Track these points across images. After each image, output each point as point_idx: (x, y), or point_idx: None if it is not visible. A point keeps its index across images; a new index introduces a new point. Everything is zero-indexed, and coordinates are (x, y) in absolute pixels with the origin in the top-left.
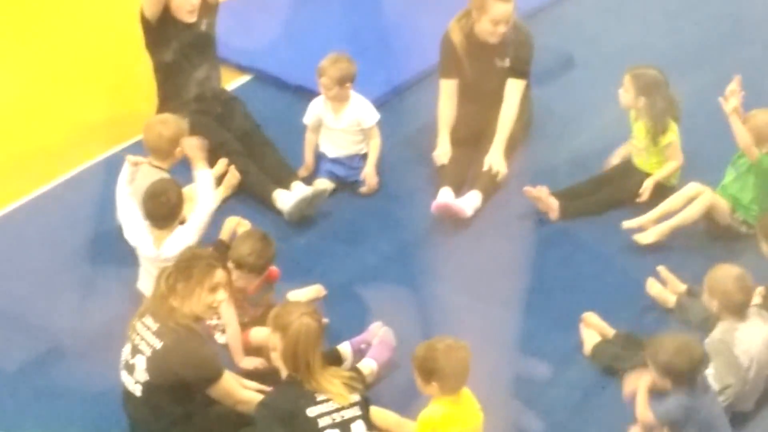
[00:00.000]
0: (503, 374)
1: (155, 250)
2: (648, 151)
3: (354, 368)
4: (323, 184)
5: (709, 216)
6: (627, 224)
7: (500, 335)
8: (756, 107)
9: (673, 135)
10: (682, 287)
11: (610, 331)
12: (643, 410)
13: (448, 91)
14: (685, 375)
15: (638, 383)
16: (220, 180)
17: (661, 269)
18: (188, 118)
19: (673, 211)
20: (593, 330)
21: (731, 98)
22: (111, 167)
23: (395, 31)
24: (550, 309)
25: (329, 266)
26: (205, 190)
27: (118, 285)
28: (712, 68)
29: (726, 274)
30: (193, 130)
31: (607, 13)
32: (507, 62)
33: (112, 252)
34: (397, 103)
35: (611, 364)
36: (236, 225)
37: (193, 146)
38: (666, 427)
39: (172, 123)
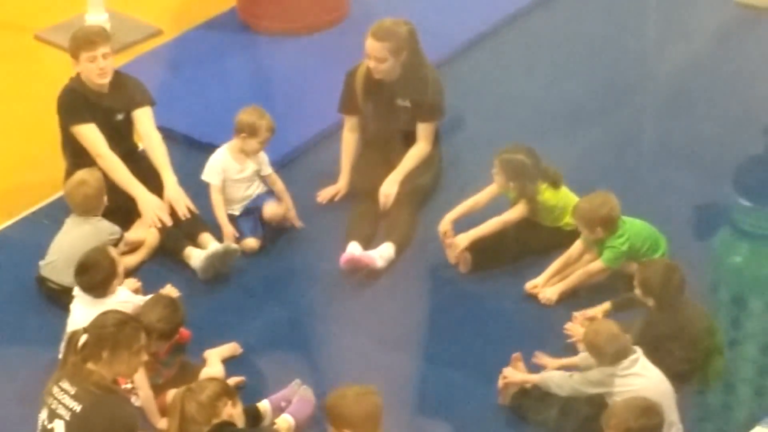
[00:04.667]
0: (417, 426)
1: None
2: (538, 213)
3: (272, 424)
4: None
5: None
6: (529, 288)
7: (415, 386)
8: (626, 170)
9: (556, 198)
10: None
11: (535, 378)
12: None
13: (349, 125)
14: None
15: None
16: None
17: (577, 315)
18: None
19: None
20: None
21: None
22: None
23: (300, 86)
24: (466, 358)
25: (244, 323)
26: None
27: (35, 351)
28: (594, 127)
29: (594, 331)
30: (112, 186)
31: (499, 69)
32: (408, 102)
33: (29, 318)
34: (305, 159)
35: (531, 416)
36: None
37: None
38: None
39: (92, 180)
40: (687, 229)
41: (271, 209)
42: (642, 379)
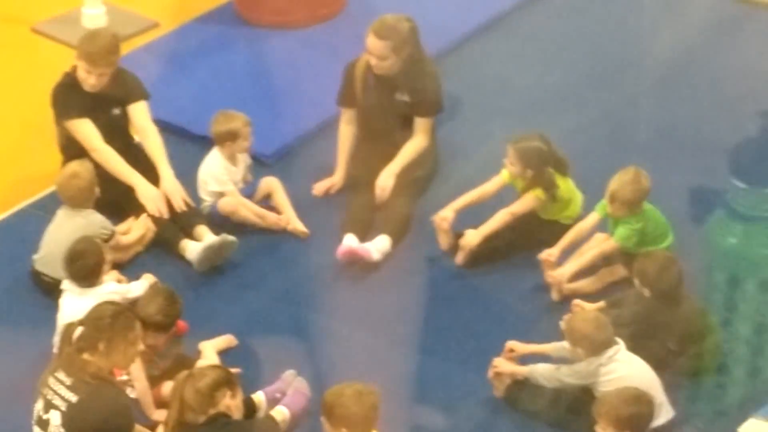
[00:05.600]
0: (414, 418)
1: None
2: (547, 205)
3: (267, 416)
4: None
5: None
6: (543, 256)
7: (411, 379)
8: (615, 146)
9: (563, 187)
10: None
11: (524, 371)
12: None
13: (346, 118)
14: (647, 422)
15: None
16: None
17: (577, 302)
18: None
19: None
20: (505, 376)
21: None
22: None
23: (297, 79)
24: (462, 351)
25: (240, 315)
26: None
27: (30, 342)
28: (590, 116)
29: (582, 319)
30: (103, 179)
31: (495, 61)
32: (407, 97)
33: (24, 310)
34: (301, 152)
35: (525, 407)
36: None
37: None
38: None
39: (84, 172)
40: (682, 213)
41: (226, 204)
42: (625, 365)
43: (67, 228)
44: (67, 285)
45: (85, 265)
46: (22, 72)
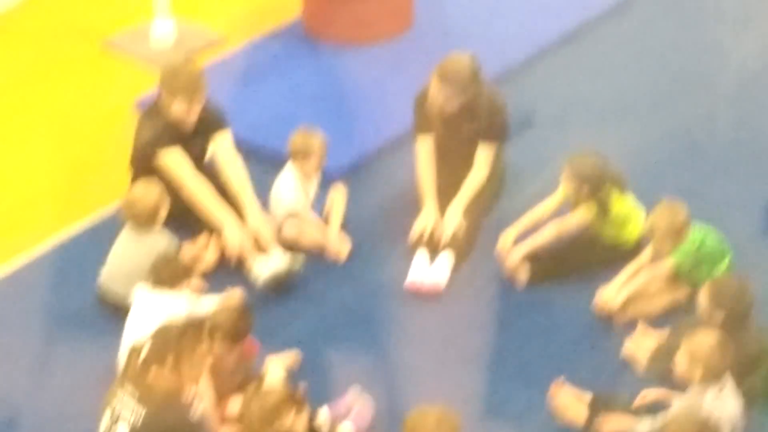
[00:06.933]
0: None
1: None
2: (601, 222)
3: None
4: (299, 258)
5: None
6: (605, 299)
7: (474, 401)
8: (691, 160)
9: (621, 205)
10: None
11: (585, 398)
12: None
13: (426, 148)
14: None
15: None
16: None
17: (641, 324)
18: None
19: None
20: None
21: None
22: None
23: (366, 96)
24: (523, 373)
25: (306, 332)
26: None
27: (90, 360)
28: (666, 121)
29: (708, 341)
30: (174, 194)
31: (564, 74)
32: (474, 124)
33: (85, 327)
34: (370, 167)
35: None
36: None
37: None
38: None
39: (150, 192)
40: (756, 227)
41: (289, 232)
42: (722, 409)
43: (131, 249)
44: (140, 288)
45: (175, 269)
46: (93, 87)
